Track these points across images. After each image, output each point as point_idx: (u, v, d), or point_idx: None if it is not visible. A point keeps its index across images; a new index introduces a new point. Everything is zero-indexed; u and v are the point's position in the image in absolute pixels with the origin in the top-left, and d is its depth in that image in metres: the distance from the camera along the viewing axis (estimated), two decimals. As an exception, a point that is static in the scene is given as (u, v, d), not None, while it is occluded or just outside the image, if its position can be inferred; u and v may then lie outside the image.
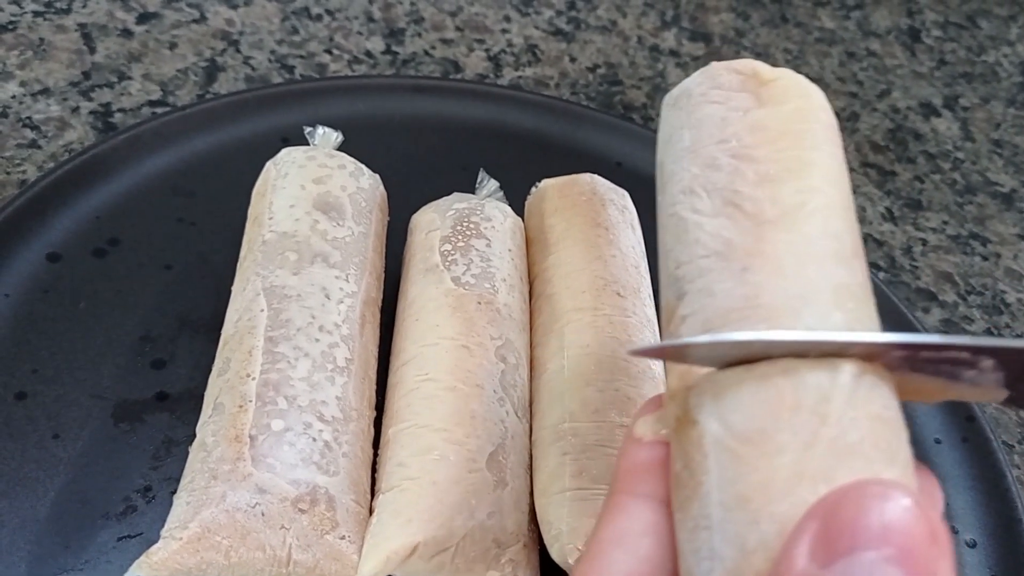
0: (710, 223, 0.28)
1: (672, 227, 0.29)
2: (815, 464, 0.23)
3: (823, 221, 0.27)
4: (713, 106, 0.30)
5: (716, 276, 0.27)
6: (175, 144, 0.60)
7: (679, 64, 0.84)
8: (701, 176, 0.29)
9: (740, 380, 0.24)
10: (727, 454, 0.24)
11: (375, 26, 0.77)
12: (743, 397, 0.24)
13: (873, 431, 0.23)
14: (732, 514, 0.24)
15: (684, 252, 0.28)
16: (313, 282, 0.47)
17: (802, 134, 0.29)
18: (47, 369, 0.48)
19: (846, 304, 0.26)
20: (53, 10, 0.69)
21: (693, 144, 0.30)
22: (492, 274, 0.50)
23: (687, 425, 0.26)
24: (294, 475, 0.40)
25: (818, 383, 0.24)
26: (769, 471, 0.23)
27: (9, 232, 0.51)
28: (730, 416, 0.24)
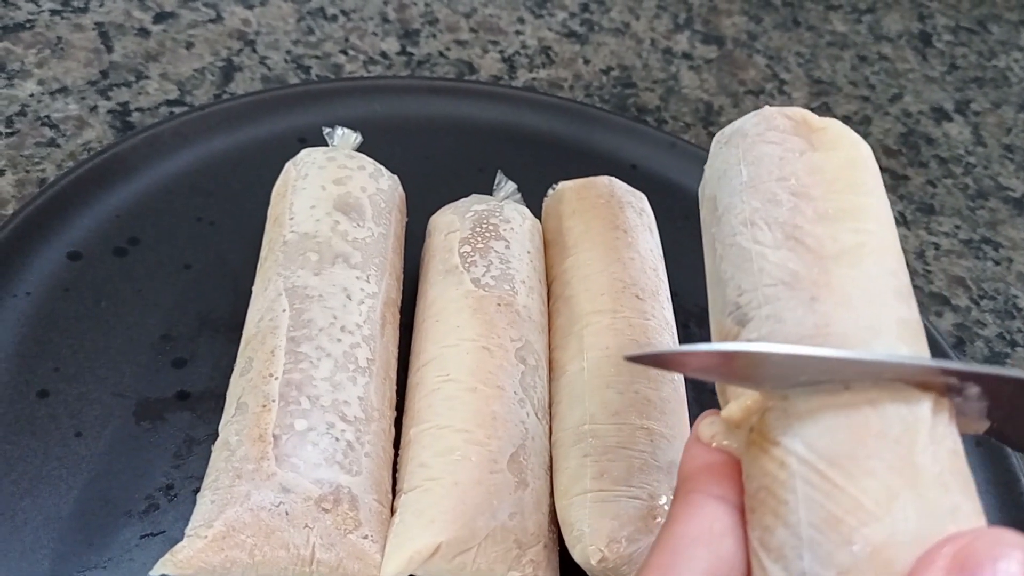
0: (773, 254, 0.29)
1: (732, 256, 0.30)
2: (906, 492, 0.24)
3: (881, 259, 0.29)
4: (770, 146, 0.32)
5: (784, 304, 0.28)
6: (194, 144, 0.60)
7: (692, 67, 0.84)
8: (762, 210, 0.30)
9: (824, 406, 0.25)
10: (815, 476, 0.25)
11: (390, 27, 0.78)
12: (829, 423, 0.25)
13: (951, 463, 0.25)
14: (823, 535, 0.25)
15: (747, 280, 0.29)
16: (334, 283, 0.47)
17: (855, 180, 0.31)
18: (69, 367, 0.48)
19: (908, 338, 0.27)
20: (70, 9, 0.70)
21: (752, 180, 0.31)
22: (511, 276, 0.51)
23: (767, 445, 0.27)
24: (317, 474, 0.40)
25: (901, 414, 0.25)
26: (859, 494, 0.24)
27: (30, 231, 0.52)
28: (817, 440, 0.25)
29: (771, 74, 0.86)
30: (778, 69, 0.87)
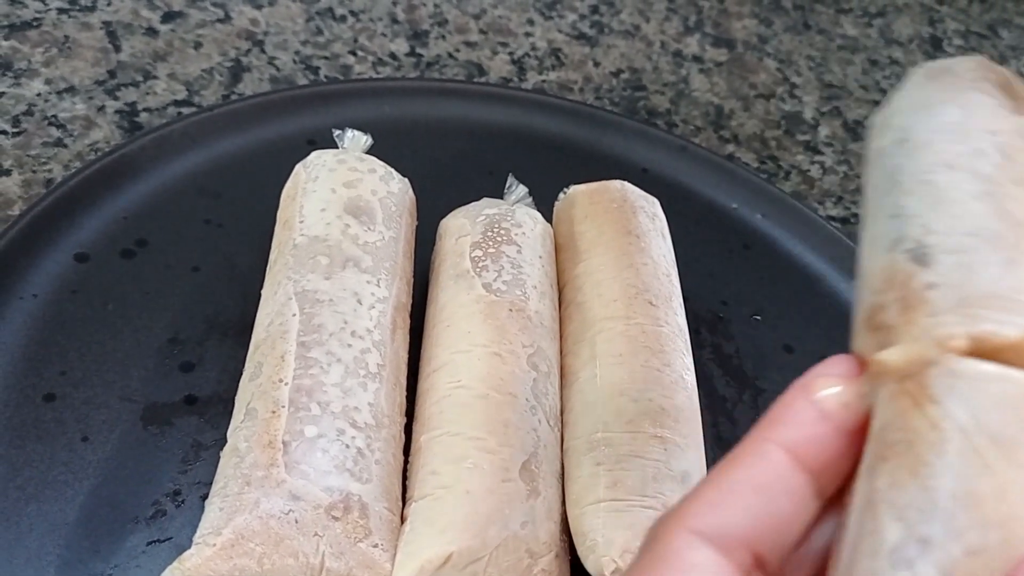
0: (974, 204, 0.27)
1: (923, 193, 0.29)
2: None
3: None
4: (983, 96, 0.31)
5: (979, 257, 0.26)
6: (202, 145, 0.59)
7: (702, 70, 0.84)
8: (967, 156, 0.29)
9: (1004, 378, 0.24)
10: (971, 449, 0.24)
11: (399, 28, 0.77)
12: (1005, 399, 0.24)
13: None
14: (962, 510, 0.23)
15: (939, 222, 0.28)
16: (345, 287, 0.46)
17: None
18: (76, 371, 0.47)
19: None
20: (78, 7, 0.69)
21: (961, 123, 0.30)
22: (523, 281, 0.50)
23: (923, 400, 0.25)
24: (327, 482, 0.40)
25: None
26: (1010, 481, 0.23)
27: (38, 232, 0.51)
28: (985, 414, 0.24)
29: (782, 77, 0.86)
30: (788, 72, 0.87)
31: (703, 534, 0.24)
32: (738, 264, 0.65)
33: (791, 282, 0.64)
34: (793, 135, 0.80)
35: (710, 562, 0.24)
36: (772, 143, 0.79)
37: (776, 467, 0.25)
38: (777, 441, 0.26)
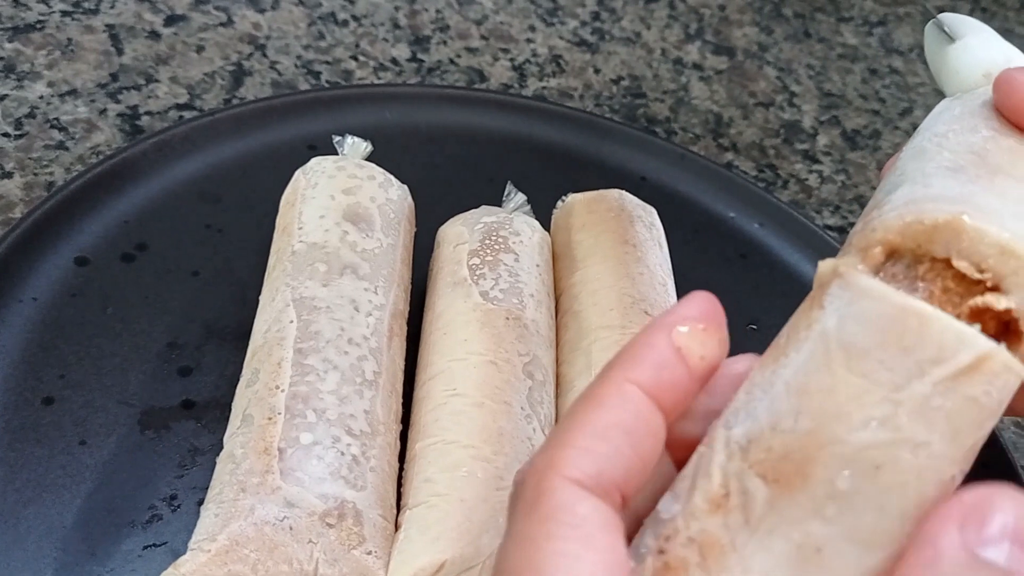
0: (950, 154, 0.29)
1: (909, 154, 0.30)
2: (882, 408, 0.24)
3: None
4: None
5: (939, 179, 0.28)
6: (203, 149, 0.60)
7: (702, 78, 0.84)
8: (959, 131, 0.31)
9: (882, 298, 0.24)
10: (824, 350, 0.25)
11: (401, 33, 0.78)
12: (872, 314, 0.24)
13: (958, 408, 0.24)
14: (787, 396, 0.25)
15: (913, 165, 0.29)
16: (342, 294, 0.47)
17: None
18: (74, 374, 0.48)
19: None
20: (81, 10, 0.69)
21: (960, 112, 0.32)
22: (520, 289, 0.50)
23: (814, 305, 0.26)
24: (322, 489, 0.40)
25: (941, 342, 0.24)
26: (841, 385, 0.24)
27: (38, 235, 0.52)
28: (850, 324, 0.25)
29: (781, 86, 0.86)
30: (788, 81, 0.87)
31: (582, 483, 0.25)
32: (734, 273, 0.65)
33: (787, 292, 0.64)
34: (792, 144, 0.80)
35: (596, 511, 0.25)
36: (771, 152, 0.79)
37: (639, 408, 0.26)
38: (638, 382, 0.26)
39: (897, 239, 0.26)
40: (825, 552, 0.24)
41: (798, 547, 0.24)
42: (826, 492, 0.24)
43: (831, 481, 0.24)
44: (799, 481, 0.24)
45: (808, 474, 0.24)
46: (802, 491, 0.24)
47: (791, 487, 0.24)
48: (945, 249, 0.26)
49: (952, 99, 0.36)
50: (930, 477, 0.24)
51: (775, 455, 0.25)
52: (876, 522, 0.24)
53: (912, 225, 0.26)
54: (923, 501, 0.24)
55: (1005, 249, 0.25)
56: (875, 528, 0.24)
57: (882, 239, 0.26)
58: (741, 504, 0.25)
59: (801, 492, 0.24)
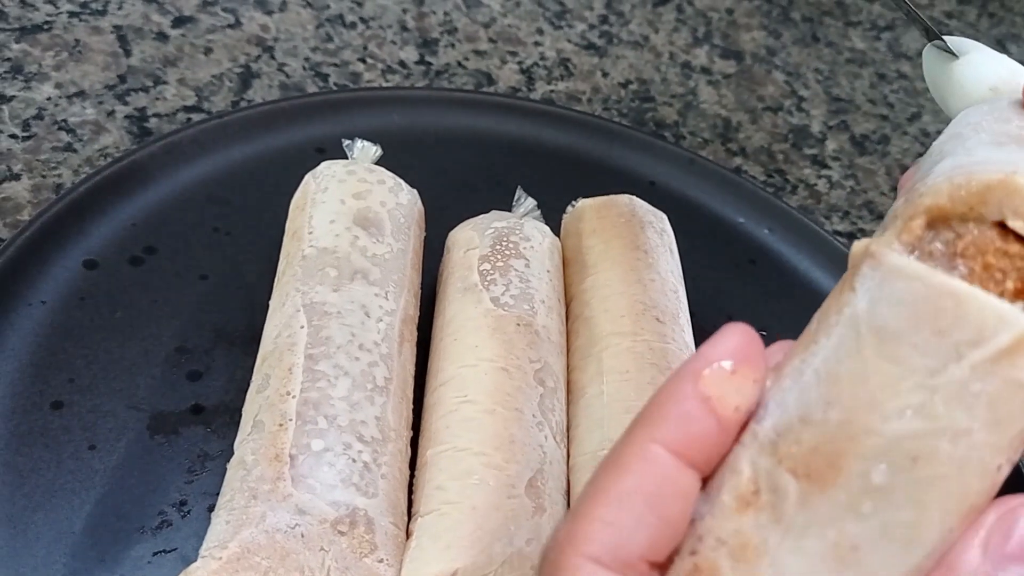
0: (988, 135, 0.28)
1: (944, 140, 0.30)
2: (917, 395, 0.23)
3: None
4: None
5: (983, 150, 0.27)
6: (211, 152, 0.59)
7: (710, 82, 0.84)
8: (992, 121, 0.29)
9: (914, 276, 0.24)
10: (854, 334, 0.24)
11: (409, 35, 0.77)
12: (905, 295, 0.23)
13: (1000, 393, 0.23)
14: (816, 385, 0.24)
15: (951, 145, 0.28)
16: (353, 299, 0.47)
17: None
18: (83, 379, 0.48)
19: None
20: (89, 11, 0.69)
21: (992, 110, 0.31)
22: (531, 295, 0.50)
23: (844, 288, 0.25)
24: (334, 496, 0.40)
25: (980, 322, 0.23)
26: (872, 372, 0.23)
27: (47, 238, 0.51)
28: (881, 306, 0.24)
29: (790, 90, 0.86)
30: (796, 86, 0.87)
31: (601, 560, 0.24)
32: (744, 279, 0.65)
33: (797, 297, 0.64)
34: (800, 149, 0.80)
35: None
36: (779, 156, 0.79)
37: (664, 472, 0.24)
38: (663, 442, 0.24)
39: (947, 203, 0.25)
40: (862, 551, 0.23)
41: (833, 546, 0.24)
42: (861, 487, 0.23)
43: (866, 475, 0.23)
44: (832, 476, 0.23)
45: (841, 468, 0.23)
46: (835, 487, 0.23)
47: (824, 482, 0.24)
48: (999, 210, 0.24)
49: (978, 104, 0.34)
50: (973, 468, 0.23)
51: (805, 448, 0.24)
52: (916, 518, 0.23)
53: (962, 187, 0.25)
54: (966, 494, 0.23)
55: None
56: (915, 524, 0.23)
57: (931, 205, 0.25)
58: (772, 502, 0.24)
59: (834, 488, 0.23)
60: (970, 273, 0.24)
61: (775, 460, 0.24)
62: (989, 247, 0.24)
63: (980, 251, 0.24)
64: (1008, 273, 0.24)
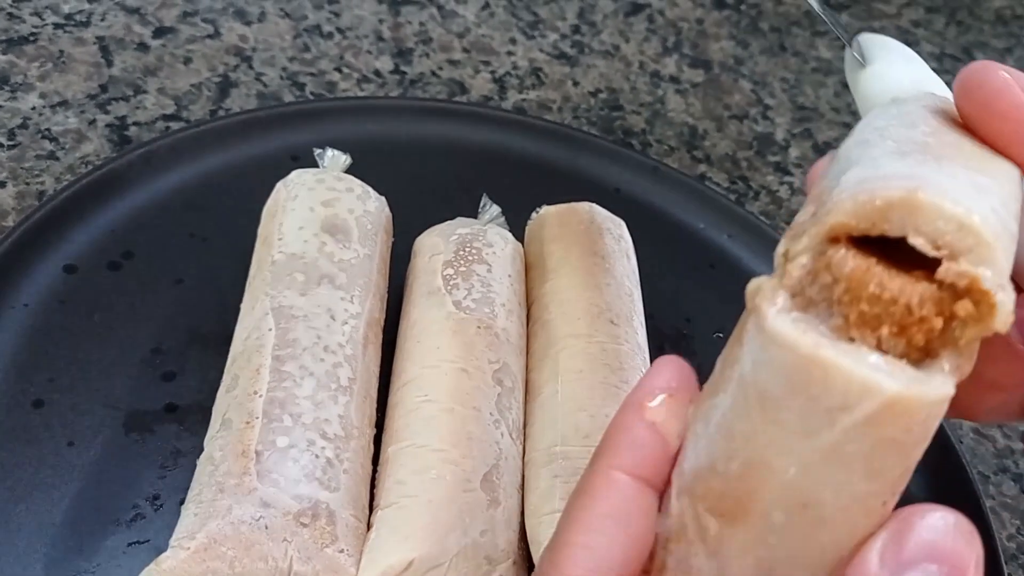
0: (894, 143, 0.28)
1: (851, 146, 0.29)
2: (798, 455, 0.24)
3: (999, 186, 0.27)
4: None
5: (888, 161, 0.27)
6: (188, 160, 0.62)
7: (678, 91, 0.86)
8: (900, 126, 0.29)
9: (785, 345, 0.24)
10: (742, 395, 0.25)
11: (384, 45, 0.80)
12: (780, 363, 0.24)
13: (873, 451, 0.24)
14: (720, 439, 0.26)
15: (858, 153, 0.28)
16: (319, 303, 0.49)
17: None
18: (63, 378, 0.50)
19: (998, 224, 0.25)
20: (73, 23, 0.71)
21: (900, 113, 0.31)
22: (492, 299, 0.52)
23: (738, 338, 0.26)
24: (297, 490, 0.42)
25: (845, 391, 0.23)
26: (760, 432, 0.25)
27: (29, 243, 0.54)
28: (762, 372, 0.25)
29: (756, 99, 0.88)
30: (763, 94, 0.89)
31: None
32: (703, 283, 0.67)
33: (754, 301, 0.66)
34: (764, 156, 0.83)
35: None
36: (743, 163, 0.81)
37: (627, 492, 0.28)
38: (621, 468, 0.28)
39: (851, 221, 0.25)
40: (778, 572, 0.26)
41: (754, 569, 0.26)
42: (765, 526, 0.25)
43: (767, 517, 0.25)
44: (741, 516, 0.26)
45: (747, 511, 0.25)
46: (744, 525, 0.26)
47: (735, 521, 0.26)
48: (900, 227, 0.24)
49: (887, 104, 0.34)
50: (857, 510, 0.25)
51: (716, 493, 0.26)
52: (815, 550, 0.25)
53: (866, 204, 0.25)
54: (855, 529, 0.25)
55: (963, 224, 0.24)
56: (816, 555, 0.25)
57: (835, 224, 0.25)
58: (698, 535, 0.27)
59: (744, 526, 0.26)
60: (845, 323, 0.25)
61: (694, 499, 0.27)
62: (864, 292, 0.25)
63: (855, 298, 0.25)
64: (884, 319, 0.24)
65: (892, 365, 0.24)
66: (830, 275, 0.25)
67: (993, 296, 0.24)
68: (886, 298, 0.24)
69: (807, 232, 0.26)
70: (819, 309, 0.25)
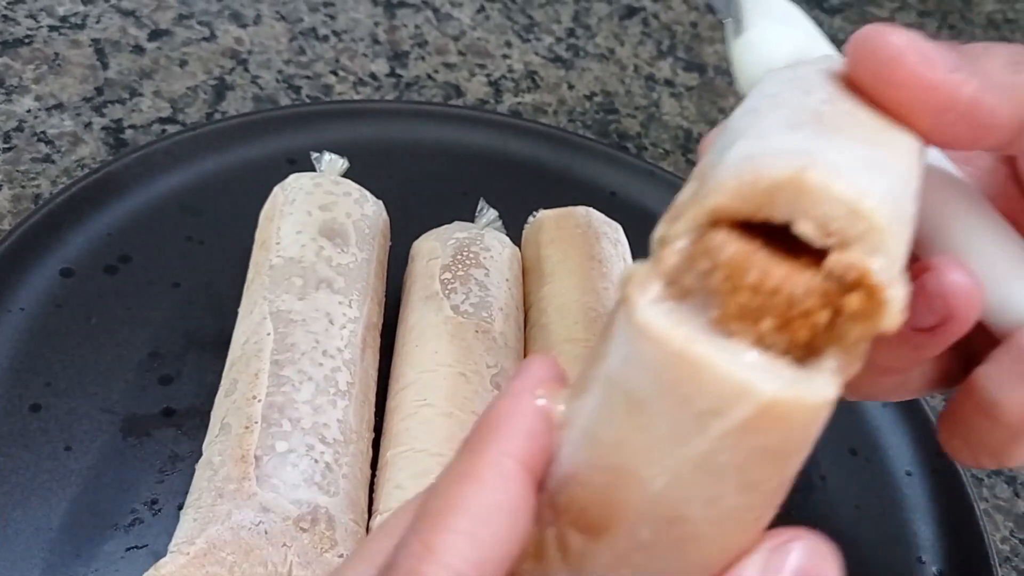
0: (787, 111, 0.26)
1: (740, 115, 0.27)
2: (666, 464, 0.22)
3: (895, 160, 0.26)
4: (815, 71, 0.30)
5: (777, 133, 0.25)
6: (185, 164, 0.62)
7: (673, 94, 0.86)
8: (793, 93, 0.28)
9: (655, 339, 0.22)
10: (608, 395, 0.23)
11: (380, 48, 0.80)
12: (649, 359, 0.22)
13: (747, 461, 0.22)
14: (584, 445, 0.24)
15: (746, 122, 0.26)
16: (318, 307, 0.49)
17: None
18: (60, 382, 0.50)
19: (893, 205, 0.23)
20: (68, 25, 0.71)
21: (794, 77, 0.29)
22: (489, 303, 0.53)
23: (609, 328, 0.24)
24: (296, 495, 0.42)
25: (718, 393, 0.21)
26: (626, 439, 0.23)
27: (26, 247, 0.53)
28: (630, 368, 0.22)
29: (750, 102, 0.89)
30: (758, 97, 0.89)
31: (464, 574, 0.23)
32: (699, 286, 0.67)
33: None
34: (759, 159, 0.83)
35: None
36: (738, 167, 0.82)
37: (518, 486, 0.24)
38: (515, 456, 0.25)
39: (733, 203, 0.23)
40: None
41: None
42: (630, 543, 0.23)
43: (633, 533, 0.23)
44: (605, 531, 0.23)
45: (611, 526, 0.23)
46: (608, 541, 0.23)
47: (599, 536, 0.24)
48: (788, 211, 0.22)
49: (781, 68, 0.31)
50: (729, 526, 0.23)
51: (578, 506, 0.24)
52: (684, 569, 0.24)
53: (749, 184, 0.22)
54: (727, 547, 0.23)
55: (854, 208, 0.22)
56: (685, 574, 0.24)
57: (715, 206, 0.23)
58: (560, 553, 0.24)
59: (608, 542, 0.23)
60: (724, 315, 0.22)
61: (557, 512, 0.24)
62: (743, 281, 0.22)
63: (734, 287, 0.22)
64: (765, 311, 0.22)
65: (771, 364, 0.22)
66: (709, 261, 0.23)
67: (884, 291, 0.22)
68: (768, 288, 0.22)
69: (684, 214, 0.23)
70: (697, 300, 0.23)
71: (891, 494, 0.59)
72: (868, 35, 0.29)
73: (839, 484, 0.58)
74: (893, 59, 0.28)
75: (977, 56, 0.30)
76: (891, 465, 0.60)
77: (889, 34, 0.28)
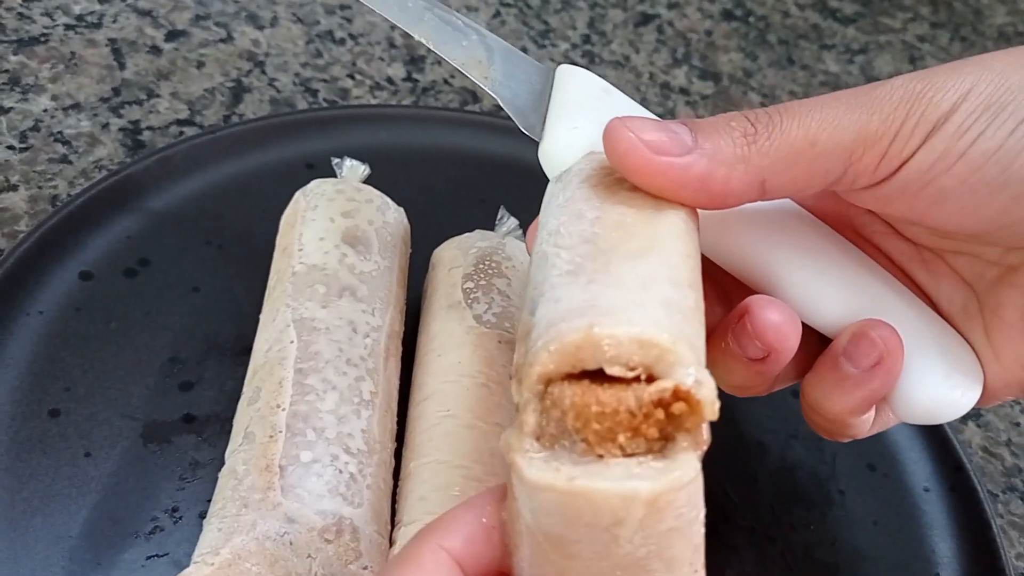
0: (567, 253, 0.31)
1: (536, 261, 0.32)
2: (605, 573, 0.27)
3: (666, 259, 0.30)
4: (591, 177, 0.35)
5: (564, 290, 0.29)
6: (204, 167, 0.61)
7: (688, 102, 0.86)
8: (568, 223, 0.32)
9: (546, 487, 0.26)
10: (534, 542, 0.28)
11: (396, 52, 0.79)
12: (549, 505, 0.26)
13: (661, 544, 0.26)
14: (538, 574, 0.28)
15: (542, 275, 0.31)
16: (341, 315, 0.49)
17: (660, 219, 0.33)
18: (79, 387, 0.49)
19: (674, 314, 0.28)
20: (84, 24, 0.71)
21: (566, 201, 0.34)
22: (512, 313, 0.52)
23: (511, 491, 0.28)
24: (321, 506, 0.42)
25: (611, 508, 0.25)
26: (564, 568, 0.27)
27: (44, 250, 0.53)
28: (540, 517, 0.27)
29: (765, 112, 0.88)
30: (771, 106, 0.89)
31: None
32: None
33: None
34: (774, 170, 0.83)
35: None
36: (753, 177, 0.81)
37: (449, 572, 0.29)
38: (449, 549, 0.29)
39: (552, 367, 0.27)
40: None
41: None
42: None
43: None
44: None
45: None
46: None
47: None
48: (594, 362, 0.27)
49: (554, 182, 0.37)
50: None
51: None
52: None
53: (557, 353, 0.27)
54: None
55: (642, 342, 0.26)
56: None
57: (541, 373, 0.27)
58: None
59: None
60: (587, 445, 0.27)
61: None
62: (589, 414, 0.27)
63: (585, 422, 0.27)
64: (616, 429, 0.27)
65: (640, 467, 0.26)
66: (558, 410, 0.27)
67: (694, 397, 0.26)
68: (608, 412, 0.27)
69: (523, 383, 0.28)
70: (564, 440, 0.27)
71: (909, 510, 0.58)
72: (610, 130, 0.33)
73: (857, 499, 0.58)
74: (628, 152, 0.32)
75: (717, 130, 0.34)
76: (909, 481, 0.60)
77: (620, 127, 0.32)
